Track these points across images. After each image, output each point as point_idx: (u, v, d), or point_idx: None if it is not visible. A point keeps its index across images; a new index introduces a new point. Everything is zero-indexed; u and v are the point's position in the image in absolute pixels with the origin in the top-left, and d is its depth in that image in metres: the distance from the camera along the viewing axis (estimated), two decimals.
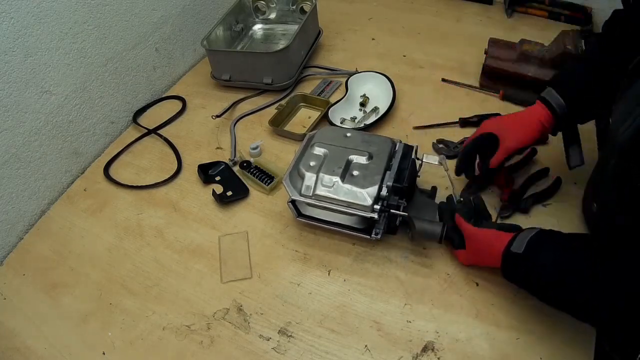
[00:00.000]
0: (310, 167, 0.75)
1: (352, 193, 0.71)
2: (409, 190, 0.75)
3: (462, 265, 0.75)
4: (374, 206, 0.70)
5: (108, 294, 0.78)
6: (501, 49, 1.04)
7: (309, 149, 0.78)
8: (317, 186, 0.73)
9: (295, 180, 0.76)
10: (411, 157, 0.76)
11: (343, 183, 0.72)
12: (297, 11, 1.27)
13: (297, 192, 0.74)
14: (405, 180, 0.72)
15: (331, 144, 0.78)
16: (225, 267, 0.79)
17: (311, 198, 0.73)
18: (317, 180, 0.73)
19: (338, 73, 1.16)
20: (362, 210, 0.70)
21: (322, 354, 0.68)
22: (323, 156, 0.76)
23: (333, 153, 0.76)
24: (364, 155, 0.75)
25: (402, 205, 0.72)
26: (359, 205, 0.70)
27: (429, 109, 1.03)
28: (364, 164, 0.74)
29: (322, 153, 0.77)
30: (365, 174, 0.73)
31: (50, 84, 0.90)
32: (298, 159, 0.78)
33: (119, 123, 1.09)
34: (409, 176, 0.73)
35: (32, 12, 0.82)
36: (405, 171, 0.73)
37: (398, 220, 0.75)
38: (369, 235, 0.74)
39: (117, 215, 0.90)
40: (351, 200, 0.71)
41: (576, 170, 0.77)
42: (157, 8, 1.11)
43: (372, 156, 0.75)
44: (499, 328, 0.68)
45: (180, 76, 1.24)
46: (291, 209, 0.78)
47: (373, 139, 0.79)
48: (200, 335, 0.71)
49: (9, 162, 0.86)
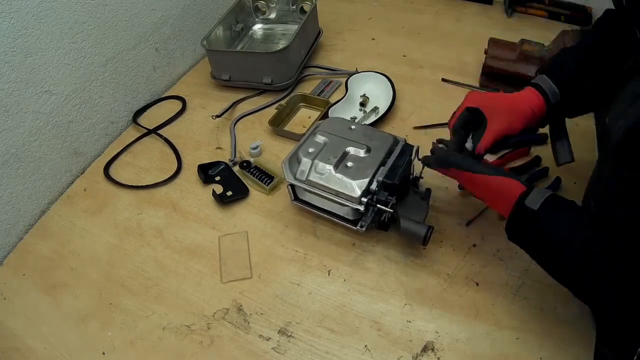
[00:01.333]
0: (308, 153, 0.77)
1: (342, 183, 0.73)
2: (400, 188, 0.75)
3: (462, 265, 0.75)
4: (361, 198, 0.71)
5: (108, 294, 0.78)
6: (501, 49, 1.04)
7: (311, 136, 0.80)
8: (311, 172, 0.75)
9: (293, 165, 0.78)
10: (409, 157, 0.76)
11: (335, 172, 0.74)
12: (297, 11, 1.27)
13: (292, 176, 0.77)
14: (397, 178, 0.72)
15: (333, 133, 0.79)
16: (225, 267, 0.79)
17: (304, 183, 0.76)
18: (312, 166, 0.75)
19: (338, 73, 1.16)
20: (350, 200, 0.72)
21: (322, 354, 0.68)
22: (322, 144, 0.78)
23: (333, 142, 0.78)
24: (362, 148, 0.76)
25: (391, 202, 0.72)
26: (347, 195, 0.72)
27: (429, 109, 1.03)
28: (360, 156, 0.75)
29: (322, 141, 0.78)
30: (359, 166, 0.74)
31: (50, 84, 0.90)
32: (300, 144, 0.80)
33: (119, 123, 1.09)
34: (401, 174, 0.73)
35: (32, 12, 0.82)
36: (399, 169, 0.74)
37: (385, 216, 0.76)
38: (355, 227, 0.76)
39: (117, 215, 0.90)
40: (340, 189, 0.72)
41: (576, 170, 0.77)
42: (157, 8, 1.11)
43: (370, 150, 0.76)
44: (499, 328, 0.68)
45: (180, 76, 1.24)
46: (289, 192, 0.81)
47: (375, 134, 0.80)
48: (200, 335, 0.71)
49: (9, 162, 0.86)
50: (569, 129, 0.76)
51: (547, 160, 0.88)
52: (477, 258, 0.76)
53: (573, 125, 0.78)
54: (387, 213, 0.74)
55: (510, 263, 0.74)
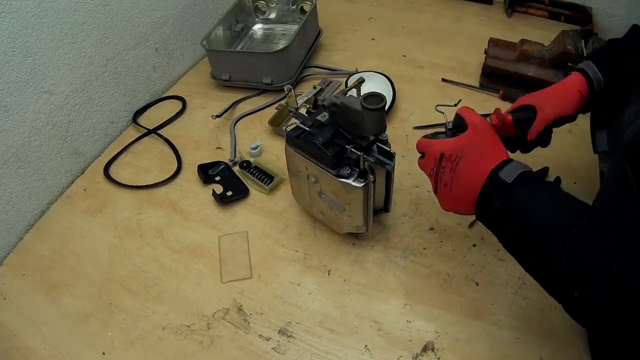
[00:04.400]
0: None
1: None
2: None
3: (462, 265, 0.75)
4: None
5: (108, 294, 0.78)
6: (501, 49, 1.04)
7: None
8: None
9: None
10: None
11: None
12: (297, 11, 1.27)
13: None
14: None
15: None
16: (225, 267, 0.79)
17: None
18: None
19: (338, 73, 1.16)
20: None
21: (322, 354, 0.68)
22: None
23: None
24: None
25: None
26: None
27: (429, 109, 1.02)
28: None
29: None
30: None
31: (50, 84, 0.90)
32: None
33: (119, 123, 1.09)
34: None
35: (32, 12, 0.82)
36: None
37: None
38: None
39: (117, 215, 0.90)
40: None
41: (576, 170, 0.77)
42: (157, 8, 1.11)
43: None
44: (499, 328, 0.68)
45: (180, 76, 1.24)
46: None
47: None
48: (200, 335, 0.71)
49: (9, 162, 0.86)
50: (569, 129, 0.76)
51: (548, 160, 0.88)
52: (477, 258, 0.76)
53: (573, 125, 0.79)
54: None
55: (510, 263, 0.74)
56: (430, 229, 0.81)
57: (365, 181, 0.67)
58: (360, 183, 0.67)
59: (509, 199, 0.51)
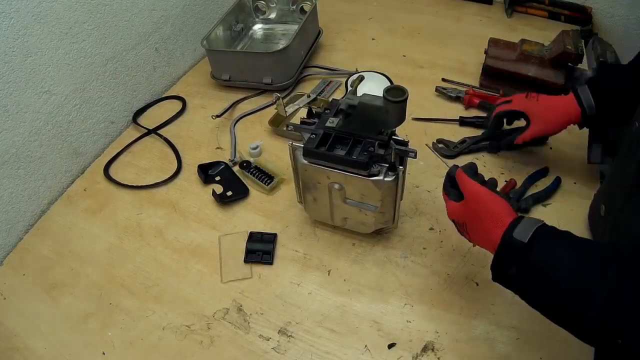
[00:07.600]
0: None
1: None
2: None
3: (462, 265, 0.75)
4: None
5: (108, 294, 0.78)
6: (501, 49, 1.04)
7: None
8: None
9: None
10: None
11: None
12: (297, 11, 1.27)
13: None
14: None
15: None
16: (225, 267, 0.79)
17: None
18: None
19: (338, 73, 1.16)
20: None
21: (322, 354, 0.68)
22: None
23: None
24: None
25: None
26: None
27: (429, 109, 1.03)
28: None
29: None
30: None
31: (50, 84, 0.90)
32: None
33: (119, 123, 1.09)
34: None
35: (32, 12, 0.82)
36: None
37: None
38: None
39: (117, 215, 0.90)
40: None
41: (576, 170, 0.77)
42: (157, 8, 1.10)
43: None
44: (499, 328, 0.68)
45: (180, 76, 1.24)
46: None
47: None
48: (200, 335, 0.71)
49: (9, 162, 0.86)
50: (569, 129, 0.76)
51: (548, 160, 0.88)
52: (477, 258, 0.76)
53: (573, 126, 0.79)
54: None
55: None
56: (430, 229, 0.81)
57: (396, 173, 0.68)
58: (391, 176, 0.68)
59: (526, 261, 0.50)
